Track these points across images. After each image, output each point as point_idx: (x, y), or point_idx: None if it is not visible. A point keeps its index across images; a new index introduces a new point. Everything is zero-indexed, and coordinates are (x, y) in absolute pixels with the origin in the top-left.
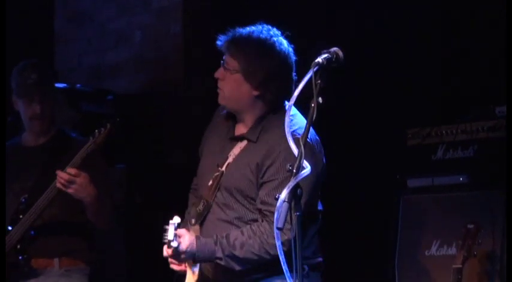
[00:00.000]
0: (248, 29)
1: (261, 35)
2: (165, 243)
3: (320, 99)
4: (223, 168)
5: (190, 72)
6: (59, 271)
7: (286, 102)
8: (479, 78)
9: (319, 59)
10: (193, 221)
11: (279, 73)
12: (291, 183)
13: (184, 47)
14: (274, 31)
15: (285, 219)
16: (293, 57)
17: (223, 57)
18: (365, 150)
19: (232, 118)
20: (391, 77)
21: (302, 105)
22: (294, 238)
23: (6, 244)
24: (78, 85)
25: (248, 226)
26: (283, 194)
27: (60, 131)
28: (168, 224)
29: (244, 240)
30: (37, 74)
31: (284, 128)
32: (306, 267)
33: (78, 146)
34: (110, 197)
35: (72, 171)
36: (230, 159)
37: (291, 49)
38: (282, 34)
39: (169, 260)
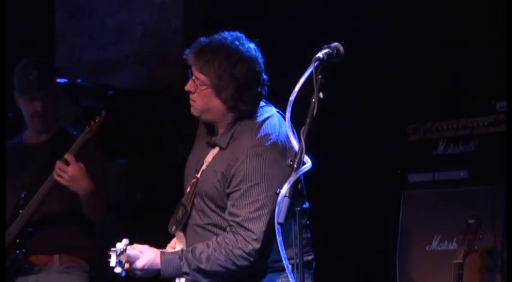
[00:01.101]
0: (214, 39)
1: (228, 46)
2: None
3: (321, 95)
4: (199, 175)
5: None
6: (59, 268)
7: (263, 103)
8: (479, 73)
9: (320, 54)
10: (173, 228)
11: (250, 83)
12: (292, 178)
13: (185, 42)
14: (240, 38)
15: (286, 215)
16: (261, 61)
17: (191, 69)
18: (366, 145)
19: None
20: (392, 72)
21: (302, 100)
22: (295, 234)
23: (6, 239)
24: (79, 80)
25: (214, 238)
26: (284, 189)
27: (61, 129)
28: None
29: (210, 253)
30: (38, 71)
31: (252, 134)
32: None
33: None
34: (106, 189)
35: (70, 157)
36: (204, 166)
37: (258, 54)
38: (249, 40)
39: None
